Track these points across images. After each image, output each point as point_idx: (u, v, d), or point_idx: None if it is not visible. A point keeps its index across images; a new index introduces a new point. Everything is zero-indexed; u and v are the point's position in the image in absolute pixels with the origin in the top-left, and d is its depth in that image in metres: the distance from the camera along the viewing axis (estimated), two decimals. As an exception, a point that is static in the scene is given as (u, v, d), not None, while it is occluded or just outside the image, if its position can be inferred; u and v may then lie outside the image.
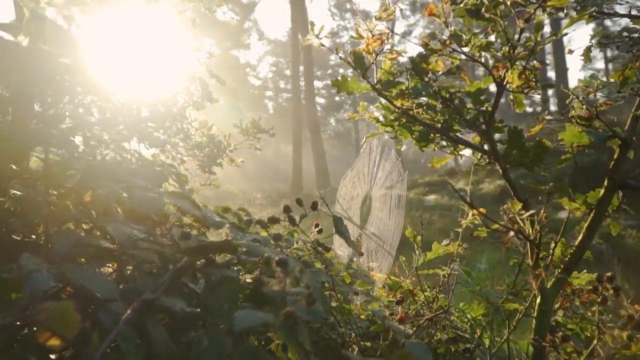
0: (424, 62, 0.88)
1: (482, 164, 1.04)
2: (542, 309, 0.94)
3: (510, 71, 0.87)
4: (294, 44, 21.13)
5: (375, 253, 1.42)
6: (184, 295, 0.88)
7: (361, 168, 1.51)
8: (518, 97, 0.98)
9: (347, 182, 1.60)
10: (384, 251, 1.35)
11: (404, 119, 1.08)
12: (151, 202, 0.82)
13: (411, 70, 0.92)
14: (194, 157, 3.39)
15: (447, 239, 1.50)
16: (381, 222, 1.36)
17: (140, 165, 2.50)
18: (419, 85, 0.89)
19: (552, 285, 0.96)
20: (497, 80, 0.93)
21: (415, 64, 0.88)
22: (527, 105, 1.21)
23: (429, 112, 1.08)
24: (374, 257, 1.43)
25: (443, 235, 6.95)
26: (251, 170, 30.26)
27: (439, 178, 16.14)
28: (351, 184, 1.56)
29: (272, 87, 39.15)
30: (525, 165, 0.96)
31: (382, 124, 1.17)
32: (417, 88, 0.90)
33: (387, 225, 1.32)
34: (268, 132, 3.56)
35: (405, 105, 0.99)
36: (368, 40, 1.17)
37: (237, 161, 3.51)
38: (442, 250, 1.47)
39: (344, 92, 1.15)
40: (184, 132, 3.26)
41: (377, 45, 1.11)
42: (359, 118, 1.38)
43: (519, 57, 0.84)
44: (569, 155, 1.02)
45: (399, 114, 1.05)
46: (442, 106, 0.93)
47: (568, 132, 1.00)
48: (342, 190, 1.61)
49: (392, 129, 1.23)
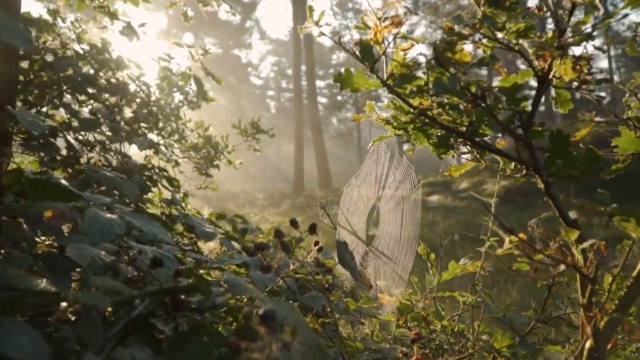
0: (450, 50, 0.70)
1: (516, 175, 0.85)
2: (593, 356, 0.76)
3: (561, 61, 0.68)
4: (296, 43, 20.96)
5: (383, 270, 1.24)
6: (151, 340, 0.69)
7: (367, 176, 1.33)
8: (563, 95, 0.80)
9: (351, 190, 1.41)
10: (393, 272, 1.17)
11: (420, 122, 0.89)
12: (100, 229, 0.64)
13: (432, 61, 0.74)
14: (190, 159, 3.21)
15: (465, 258, 1.31)
16: (391, 238, 1.17)
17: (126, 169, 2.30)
18: (445, 79, 0.71)
19: (605, 326, 0.78)
20: (540, 73, 0.75)
21: (439, 52, 0.70)
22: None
23: (451, 113, 0.90)
24: (381, 274, 1.25)
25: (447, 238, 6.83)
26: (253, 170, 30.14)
27: (441, 178, 15.94)
28: (356, 194, 1.37)
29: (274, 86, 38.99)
30: (573, 179, 0.78)
31: (392, 127, 0.99)
32: (442, 82, 0.71)
33: (398, 243, 1.14)
34: (267, 133, 3.37)
35: (425, 105, 0.81)
36: (377, 27, 0.98)
37: (235, 163, 3.33)
38: (459, 270, 1.29)
39: (348, 88, 0.97)
40: (179, 133, 3.08)
41: (389, 31, 0.93)
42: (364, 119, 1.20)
43: (572, 42, 0.66)
44: (621, 165, 0.84)
45: (414, 115, 0.87)
46: (471, 105, 0.75)
47: (624, 138, 0.82)
48: (345, 201, 1.42)
49: (404, 132, 1.04)
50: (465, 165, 1.15)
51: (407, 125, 0.93)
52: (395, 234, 1.14)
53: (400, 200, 1.14)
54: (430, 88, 0.81)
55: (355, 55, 0.95)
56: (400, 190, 1.15)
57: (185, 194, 2.72)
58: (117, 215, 0.71)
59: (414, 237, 1.11)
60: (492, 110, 0.74)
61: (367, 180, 1.31)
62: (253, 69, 39.18)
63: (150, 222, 0.75)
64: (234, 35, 32.22)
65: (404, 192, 1.13)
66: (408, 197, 1.12)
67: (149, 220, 0.75)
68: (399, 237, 1.13)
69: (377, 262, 1.24)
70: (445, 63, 0.70)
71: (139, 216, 0.74)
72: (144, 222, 0.73)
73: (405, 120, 0.91)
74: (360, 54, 0.94)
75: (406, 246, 1.10)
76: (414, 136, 0.97)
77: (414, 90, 0.91)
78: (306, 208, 13.23)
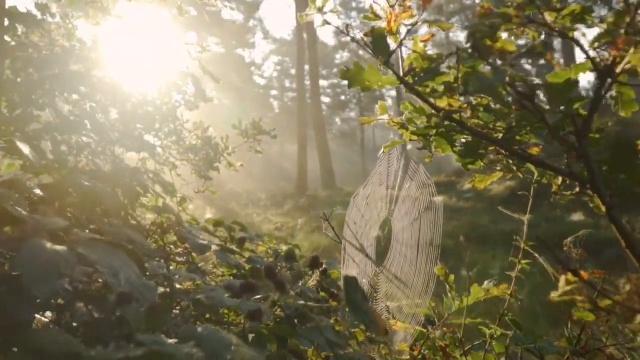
0: (490, 37, 0.55)
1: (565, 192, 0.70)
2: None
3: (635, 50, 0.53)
4: (299, 42, 20.82)
5: (396, 296, 1.08)
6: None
7: (377, 185, 1.17)
8: (626, 94, 0.64)
9: (360, 202, 1.25)
10: (408, 300, 1.01)
11: (445, 126, 0.74)
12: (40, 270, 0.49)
13: (466, 52, 0.58)
14: (188, 161, 3.06)
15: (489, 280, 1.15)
16: (405, 260, 1.01)
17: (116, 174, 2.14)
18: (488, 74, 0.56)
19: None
20: (602, 66, 0.59)
21: (476, 39, 0.54)
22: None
23: (481, 115, 0.74)
24: (393, 299, 1.09)
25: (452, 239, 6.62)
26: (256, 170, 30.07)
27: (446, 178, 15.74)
28: (364, 205, 1.22)
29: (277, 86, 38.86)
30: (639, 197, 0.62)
31: (410, 132, 0.83)
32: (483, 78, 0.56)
33: (414, 267, 0.98)
34: (269, 134, 3.23)
35: (455, 106, 0.65)
36: (391, 14, 0.82)
37: (236, 165, 3.19)
38: (482, 294, 1.14)
39: (358, 86, 0.81)
40: (176, 134, 2.94)
41: (407, 17, 0.77)
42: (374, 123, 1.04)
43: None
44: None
45: (440, 119, 0.71)
46: (514, 107, 0.59)
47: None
48: (352, 213, 1.26)
49: (422, 138, 0.89)
50: (492, 175, 0.99)
51: (428, 130, 0.78)
52: (411, 256, 0.98)
53: (416, 216, 0.98)
54: (460, 85, 0.65)
55: (365, 47, 0.80)
56: (416, 206, 0.99)
57: (183, 198, 2.58)
58: (67, 247, 0.56)
59: (433, 260, 0.95)
60: (543, 113, 0.58)
61: (377, 191, 1.15)
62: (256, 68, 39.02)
63: (111, 253, 0.60)
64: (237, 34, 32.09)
65: (421, 208, 0.97)
66: (426, 214, 0.96)
67: (110, 250, 0.60)
68: (415, 260, 0.97)
69: (389, 286, 1.08)
70: (485, 53, 0.55)
71: (96, 246, 0.59)
72: (102, 253, 0.58)
73: (428, 125, 0.76)
74: (372, 45, 0.79)
75: (424, 272, 0.94)
76: (435, 143, 0.82)
77: (434, 88, 0.76)
78: (309, 209, 13.07)
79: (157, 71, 2.65)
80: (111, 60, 2.21)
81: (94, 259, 0.55)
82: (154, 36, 2.54)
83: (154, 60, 2.60)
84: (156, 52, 2.61)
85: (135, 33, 2.43)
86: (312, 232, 9.22)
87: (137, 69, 2.37)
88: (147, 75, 2.54)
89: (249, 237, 2.05)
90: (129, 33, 2.42)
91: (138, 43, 2.42)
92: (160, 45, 2.62)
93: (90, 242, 0.59)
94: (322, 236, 7.80)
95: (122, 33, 2.40)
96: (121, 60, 2.27)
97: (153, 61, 2.60)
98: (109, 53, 2.22)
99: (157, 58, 2.63)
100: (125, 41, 2.37)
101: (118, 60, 2.24)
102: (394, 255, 1.07)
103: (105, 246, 0.60)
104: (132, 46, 2.39)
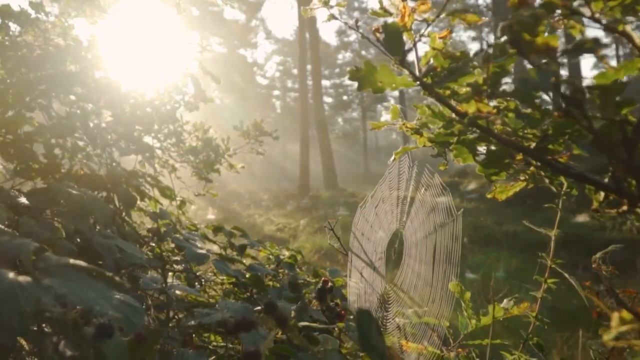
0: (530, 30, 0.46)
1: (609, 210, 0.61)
2: None
3: None
4: (302, 42, 20.74)
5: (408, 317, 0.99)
6: None
7: (387, 195, 1.08)
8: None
9: (368, 211, 1.16)
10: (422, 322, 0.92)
11: (471, 133, 0.65)
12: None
13: (501, 48, 0.50)
14: (188, 164, 2.98)
15: (508, 299, 1.07)
16: (419, 279, 0.93)
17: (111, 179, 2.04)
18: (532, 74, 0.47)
19: None
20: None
21: (515, 32, 0.46)
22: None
23: (508, 121, 0.65)
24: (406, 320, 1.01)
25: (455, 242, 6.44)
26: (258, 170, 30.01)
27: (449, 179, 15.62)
28: (373, 216, 1.13)
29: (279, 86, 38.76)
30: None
31: (428, 140, 0.74)
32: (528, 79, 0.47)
33: (429, 286, 0.89)
34: (271, 135, 3.15)
35: (484, 111, 0.56)
36: (404, 9, 0.74)
37: (237, 167, 3.11)
38: (501, 314, 1.05)
39: (369, 88, 0.73)
40: (176, 136, 2.86)
41: (425, 11, 0.68)
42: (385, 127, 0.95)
43: None
44: None
45: (465, 125, 0.62)
46: (558, 114, 0.51)
47: None
48: (359, 222, 1.18)
49: (436, 145, 0.80)
50: (514, 185, 0.90)
51: (449, 137, 0.69)
52: (426, 275, 0.89)
53: (432, 230, 0.89)
54: (488, 88, 0.56)
55: (377, 45, 0.71)
56: (431, 218, 0.90)
57: (183, 201, 2.51)
58: (32, 278, 0.47)
59: (449, 279, 0.86)
60: (591, 121, 0.50)
61: (387, 201, 1.07)
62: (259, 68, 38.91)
63: (86, 283, 0.51)
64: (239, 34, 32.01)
65: (437, 221, 0.89)
66: (443, 228, 0.87)
67: (84, 280, 0.51)
68: (431, 279, 0.88)
69: (400, 306, 0.99)
70: (528, 49, 0.46)
71: (68, 274, 0.51)
72: (74, 285, 0.50)
73: (449, 132, 0.67)
74: (385, 42, 0.70)
75: (440, 292, 0.86)
76: (455, 152, 0.73)
77: (455, 90, 0.67)
78: (312, 209, 12.97)
79: (157, 71, 2.57)
80: (109, 60, 2.13)
81: (62, 293, 0.46)
82: (153, 36, 2.46)
83: (153, 60, 2.52)
84: (156, 52, 2.53)
85: (134, 32, 2.36)
86: (314, 233, 9.13)
87: (136, 69, 2.29)
88: (146, 75, 2.46)
89: (250, 243, 1.97)
90: (128, 32, 2.35)
91: (137, 42, 2.35)
92: (160, 45, 2.54)
93: (61, 269, 0.51)
94: (325, 238, 7.70)
95: (121, 32, 2.33)
96: (119, 60, 2.19)
97: (153, 61, 2.52)
98: (107, 52, 2.14)
99: (157, 58, 2.55)
100: (124, 40, 2.30)
101: (116, 60, 2.16)
102: (405, 272, 0.98)
103: (78, 274, 0.52)
104: (131, 46, 2.31)
